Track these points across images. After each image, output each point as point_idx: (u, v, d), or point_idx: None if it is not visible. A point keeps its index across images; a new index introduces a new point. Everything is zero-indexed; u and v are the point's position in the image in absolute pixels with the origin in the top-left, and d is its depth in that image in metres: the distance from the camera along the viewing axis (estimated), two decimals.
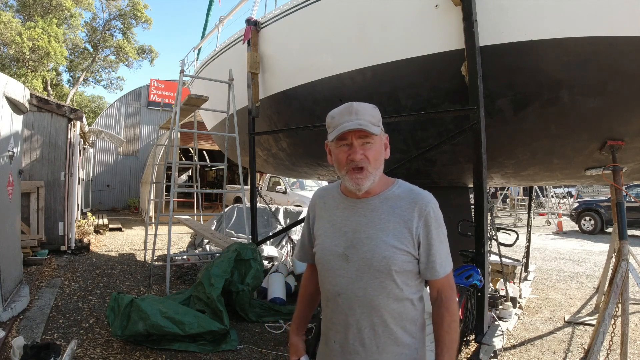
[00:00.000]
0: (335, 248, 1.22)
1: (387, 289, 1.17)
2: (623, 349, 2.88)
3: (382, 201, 1.21)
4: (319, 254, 1.28)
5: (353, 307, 1.19)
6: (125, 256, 6.97)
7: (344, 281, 1.20)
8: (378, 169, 1.19)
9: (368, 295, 1.18)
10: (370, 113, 1.18)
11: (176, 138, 5.54)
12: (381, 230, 1.18)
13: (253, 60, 4.82)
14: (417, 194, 1.22)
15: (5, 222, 3.77)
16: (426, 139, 3.68)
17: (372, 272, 1.17)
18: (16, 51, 16.32)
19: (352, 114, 1.16)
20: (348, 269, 1.20)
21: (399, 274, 1.17)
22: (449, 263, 1.22)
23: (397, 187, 1.25)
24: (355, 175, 1.16)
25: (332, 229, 1.26)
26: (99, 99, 33.44)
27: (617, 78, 2.79)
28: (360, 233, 1.20)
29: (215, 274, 3.77)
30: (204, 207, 10.74)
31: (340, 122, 1.17)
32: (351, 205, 1.24)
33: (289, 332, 1.48)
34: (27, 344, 2.72)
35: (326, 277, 1.26)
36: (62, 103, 7.47)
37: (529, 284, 5.47)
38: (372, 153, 1.17)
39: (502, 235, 4.42)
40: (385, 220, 1.19)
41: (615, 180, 3.18)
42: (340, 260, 1.21)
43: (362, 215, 1.22)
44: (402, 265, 1.17)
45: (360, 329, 1.19)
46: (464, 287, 2.86)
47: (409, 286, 1.20)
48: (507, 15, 2.89)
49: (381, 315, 1.18)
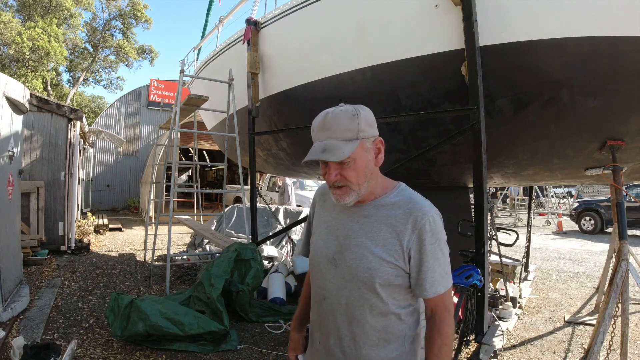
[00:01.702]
0: (326, 251, 1.19)
1: (370, 302, 1.11)
2: (623, 349, 2.88)
3: (376, 208, 1.14)
4: (311, 254, 1.26)
5: (335, 314, 1.16)
6: (125, 256, 6.97)
7: (330, 286, 1.17)
8: (364, 183, 1.11)
9: (350, 305, 1.13)
10: (344, 126, 1.06)
11: (176, 138, 5.54)
12: (370, 240, 1.11)
13: (253, 60, 4.82)
14: (414, 203, 1.12)
15: (5, 222, 3.77)
16: (426, 139, 3.68)
17: (356, 282, 1.12)
18: (16, 51, 16.32)
19: (323, 130, 1.08)
20: (335, 274, 1.16)
21: (384, 288, 1.10)
22: (443, 283, 1.11)
23: (396, 194, 1.15)
24: (336, 192, 1.12)
25: (326, 230, 1.22)
26: (99, 99, 33.50)
27: (617, 78, 2.79)
28: (350, 239, 1.15)
29: (215, 274, 3.77)
30: (204, 207, 10.74)
31: (314, 139, 1.11)
32: (347, 208, 1.18)
33: (290, 328, 1.48)
34: (27, 344, 2.72)
35: (315, 279, 1.24)
36: (62, 103, 7.47)
37: (529, 284, 5.47)
38: (350, 172, 1.08)
39: (502, 235, 4.42)
40: (377, 229, 1.12)
41: (615, 180, 3.18)
42: (328, 264, 1.18)
43: (355, 220, 1.16)
44: (388, 279, 1.10)
45: (341, 336, 1.15)
46: (464, 287, 2.86)
47: (397, 300, 1.12)
48: (507, 15, 2.89)
49: (362, 327, 1.12)
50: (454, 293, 3.09)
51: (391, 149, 4.06)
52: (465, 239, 3.45)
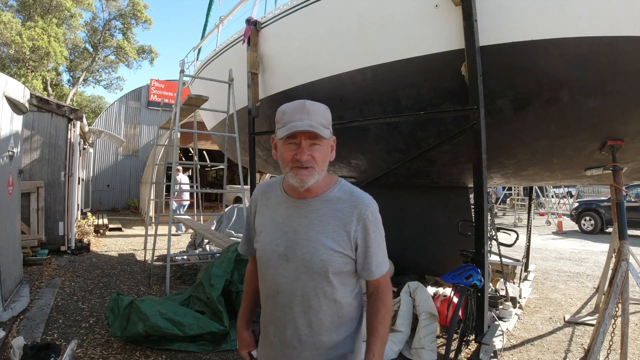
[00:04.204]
0: (276, 248, 1.24)
1: (324, 290, 1.21)
2: (623, 349, 2.88)
3: (323, 203, 1.23)
4: (259, 252, 1.30)
5: (291, 306, 1.23)
6: (125, 256, 6.96)
7: (283, 280, 1.23)
8: (323, 170, 1.20)
9: (306, 295, 1.21)
10: (322, 114, 1.18)
11: (176, 138, 5.54)
12: (321, 233, 1.20)
13: (253, 60, 4.82)
14: (357, 197, 1.24)
15: (5, 222, 3.77)
16: (426, 139, 3.68)
17: (310, 273, 1.20)
18: (16, 51, 16.32)
19: (304, 112, 1.16)
20: (287, 268, 1.22)
21: (336, 275, 1.21)
22: (385, 264, 1.27)
23: (339, 189, 1.26)
24: (301, 172, 1.16)
25: (273, 227, 1.27)
26: (99, 99, 33.44)
27: (617, 78, 2.79)
28: (300, 234, 1.22)
29: (216, 274, 3.77)
30: (204, 207, 10.74)
31: (290, 120, 1.16)
32: (293, 204, 1.25)
33: (237, 327, 1.52)
34: (27, 344, 2.72)
35: (266, 275, 1.28)
36: (62, 103, 7.47)
37: (529, 284, 5.47)
38: (319, 155, 1.17)
39: (502, 235, 4.42)
40: (325, 222, 1.21)
41: (615, 180, 3.18)
42: (279, 260, 1.23)
43: (303, 216, 1.23)
44: (339, 267, 1.21)
45: (298, 326, 1.23)
46: (464, 287, 2.87)
47: (345, 285, 1.25)
48: (507, 15, 2.89)
49: (317, 314, 1.22)
50: (454, 293, 3.10)
51: (391, 149, 4.06)
52: (465, 239, 3.45)
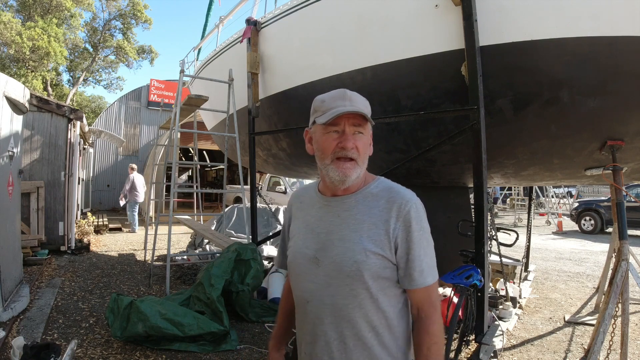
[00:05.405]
0: (306, 250, 1.12)
1: (359, 298, 1.04)
2: (623, 349, 2.88)
3: (358, 200, 1.10)
4: (290, 257, 1.18)
5: (321, 317, 1.08)
6: (125, 256, 6.97)
7: (312, 287, 1.10)
8: (365, 164, 1.09)
9: (337, 304, 1.06)
10: (363, 103, 1.09)
11: (176, 138, 5.54)
12: (354, 231, 1.06)
13: (253, 60, 4.82)
14: (396, 192, 1.09)
15: (5, 222, 3.77)
16: (426, 139, 3.68)
17: (342, 277, 1.05)
18: (16, 51, 16.32)
19: (346, 99, 1.06)
20: (317, 273, 1.09)
21: (374, 281, 1.04)
22: (431, 274, 1.06)
23: (376, 185, 1.12)
24: (344, 165, 1.05)
25: (305, 229, 1.16)
26: (99, 99, 33.47)
27: (617, 78, 2.79)
28: (333, 234, 1.09)
29: (215, 275, 3.77)
30: (204, 207, 10.74)
31: (333, 106, 1.05)
32: (326, 204, 1.13)
33: (269, 348, 1.35)
34: (27, 344, 2.72)
35: (296, 283, 1.16)
36: (62, 103, 7.47)
37: (529, 284, 5.47)
38: (362, 145, 1.07)
39: (502, 235, 4.42)
40: (360, 220, 1.07)
41: (615, 180, 3.18)
42: (310, 264, 1.10)
43: (336, 215, 1.10)
44: (377, 271, 1.04)
45: (328, 341, 1.07)
46: (464, 287, 2.86)
47: (387, 296, 1.07)
48: (507, 15, 2.89)
49: (352, 327, 1.05)
50: (454, 293, 3.10)
51: (391, 149, 4.06)
52: (465, 239, 3.45)
